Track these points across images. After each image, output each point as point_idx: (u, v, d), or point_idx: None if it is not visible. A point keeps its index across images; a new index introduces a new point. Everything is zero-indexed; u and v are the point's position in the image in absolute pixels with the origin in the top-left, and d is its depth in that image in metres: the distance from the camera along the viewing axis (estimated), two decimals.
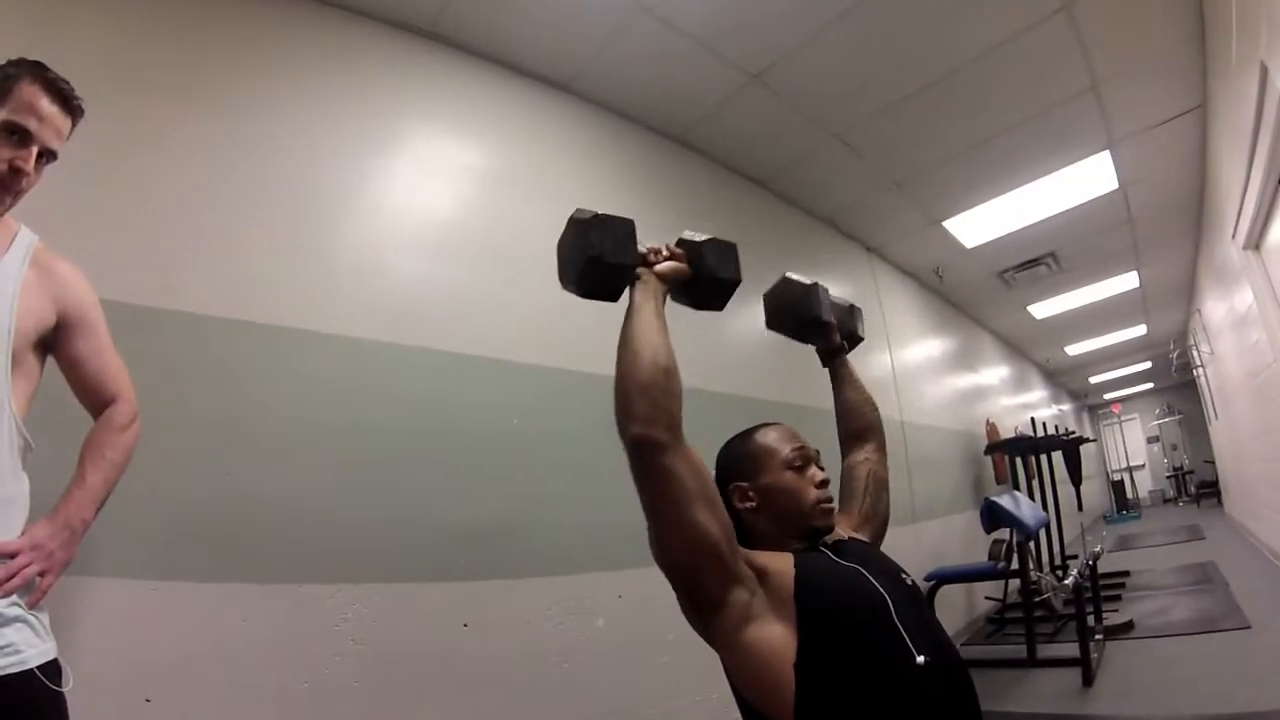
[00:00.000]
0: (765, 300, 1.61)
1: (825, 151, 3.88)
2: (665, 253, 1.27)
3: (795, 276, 1.58)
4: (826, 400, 1.62)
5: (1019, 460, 6.67)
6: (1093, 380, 13.82)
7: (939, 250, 5.56)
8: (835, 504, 1.29)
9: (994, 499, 4.35)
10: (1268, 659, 3.35)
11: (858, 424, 1.57)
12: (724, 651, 1.10)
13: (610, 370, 1.11)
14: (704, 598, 1.07)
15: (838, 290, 1.68)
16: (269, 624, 1.72)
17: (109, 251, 1.69)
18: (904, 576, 1.22)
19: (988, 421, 7.14)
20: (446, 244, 2.40)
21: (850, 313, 1.71)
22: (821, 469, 1.30)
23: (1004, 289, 6.74)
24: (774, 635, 1.05)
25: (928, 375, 5.96)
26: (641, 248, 1.25)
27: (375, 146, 2.33)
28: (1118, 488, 14.46)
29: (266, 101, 2.12)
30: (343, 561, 1.86)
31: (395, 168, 2.37)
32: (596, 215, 1.21)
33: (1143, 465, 16.22)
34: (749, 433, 1.34)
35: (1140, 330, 9.72)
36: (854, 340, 1.70)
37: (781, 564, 1.13)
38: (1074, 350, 10.42)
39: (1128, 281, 7.22)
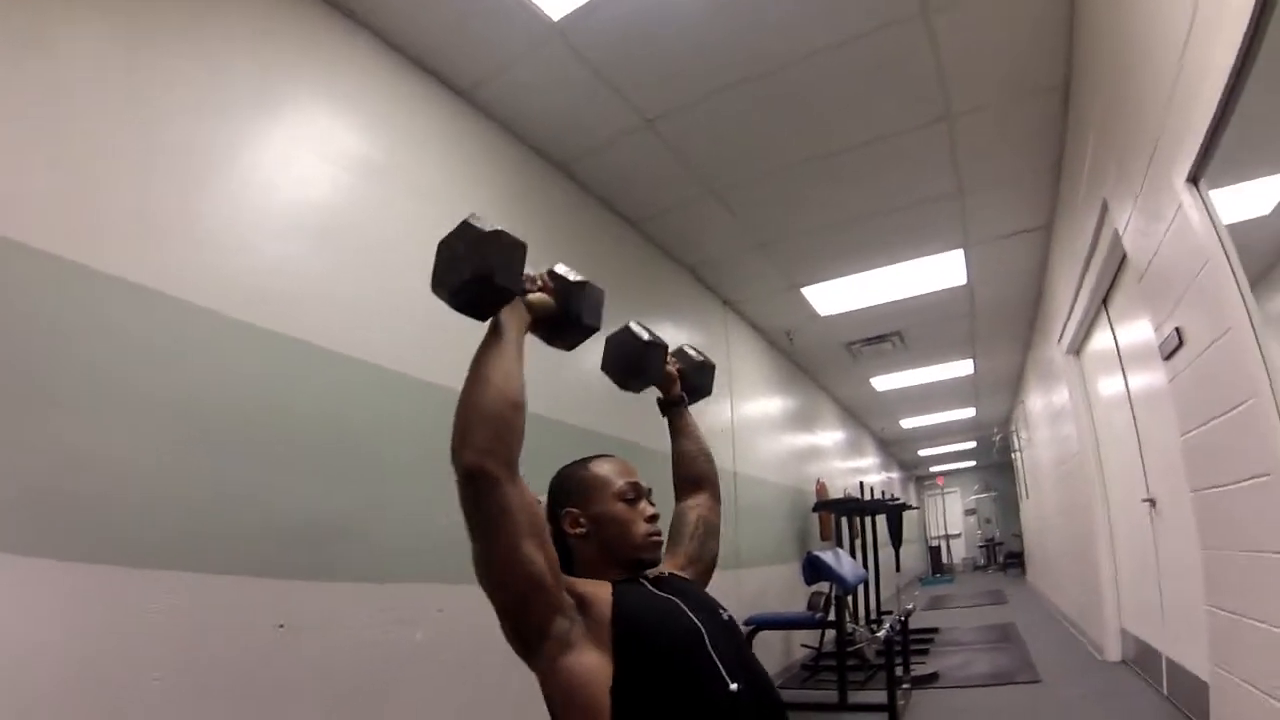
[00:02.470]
0: (606, 343, 1.55)
1: (701, 204, 3.97)
2: (539, 283, 1.26)
3: (637, 330, 1.52)
4: (662, 442, 1.64)
5: (844, 520, 7.02)
6: (921, 453, 14.93)
7: (793, 314, 5.78)
8: (663, 540, 1.32)
9: (817, 553, 4.57)
10: (1053, 709, 3.82)
11: (692, 472, 1.60)
12: (544, 678, 1.10)
13: (460, 386, 1.08)
14: (527, 627, 1.08)
15: (689, 337, 1.70)
16: (68, 608, 1.51)
17: None
18: (720, 611, 1.27)
19: (819, 481, 7.50)
20: (314, 227, 2.23)
21: (701, 368, 1.70)
22: (652, 504, 1.33)
23: (850, 360, 7.12)
24: (591, 662, 1.07)
25: (766, 431, 6.17)
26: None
27: (256, 110, 2.13)
28: (935, 553, 15.66)
29: (141, 33, 1.86)
30: (158, 546, 1.66)
31: (275, 136, 2.19)
32: (497, 230, 1.13)
33: (959, 534, 17.64)
34: (585, 461, 1.36)
35: (970, 412, 10.65)
36: (697, 394, 1.69)
37: (601, 592, 1.15)
38: (908, 424, 11.22)
39: (964, 368, 7.92)
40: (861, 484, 8.27)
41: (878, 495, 8.65)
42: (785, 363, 6.94)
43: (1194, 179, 1.95)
